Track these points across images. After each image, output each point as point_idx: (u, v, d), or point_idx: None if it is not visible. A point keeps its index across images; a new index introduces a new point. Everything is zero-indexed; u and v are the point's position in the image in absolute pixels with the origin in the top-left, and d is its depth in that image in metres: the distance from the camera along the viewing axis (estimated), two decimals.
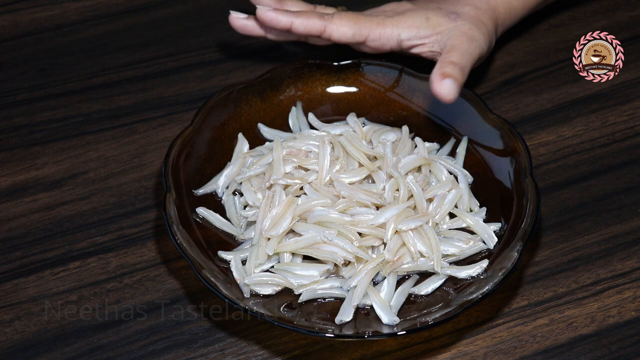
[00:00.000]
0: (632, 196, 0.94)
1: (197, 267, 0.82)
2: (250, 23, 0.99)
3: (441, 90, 0.90)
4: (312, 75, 0.97)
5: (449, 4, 0.98)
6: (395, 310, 0.83)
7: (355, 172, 0.88)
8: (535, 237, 0.90)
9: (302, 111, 0.97)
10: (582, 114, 1.01)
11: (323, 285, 0.84)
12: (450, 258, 0.86)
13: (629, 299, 0.86)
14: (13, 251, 0.90)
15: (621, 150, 0.98)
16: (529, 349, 0.83)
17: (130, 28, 1.11)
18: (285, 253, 0.85)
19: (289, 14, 0.95)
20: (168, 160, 0.89)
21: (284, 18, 0.95)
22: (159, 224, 0.92)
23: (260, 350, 0.83)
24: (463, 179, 0.90)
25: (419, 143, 0.92)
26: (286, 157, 0.90)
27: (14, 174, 0.96)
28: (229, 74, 1.06)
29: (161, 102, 1.03)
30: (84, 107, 1.02)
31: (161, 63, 1.07)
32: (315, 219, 0.85)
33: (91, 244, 0.91)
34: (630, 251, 0.90)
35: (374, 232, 0.85)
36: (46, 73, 1.06)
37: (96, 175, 0.96)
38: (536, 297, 0.87)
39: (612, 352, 0.83)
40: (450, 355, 0.83)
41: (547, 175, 0.96)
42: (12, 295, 0.87)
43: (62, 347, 0.84)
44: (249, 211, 0.88)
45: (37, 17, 1.12)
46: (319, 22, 0.95)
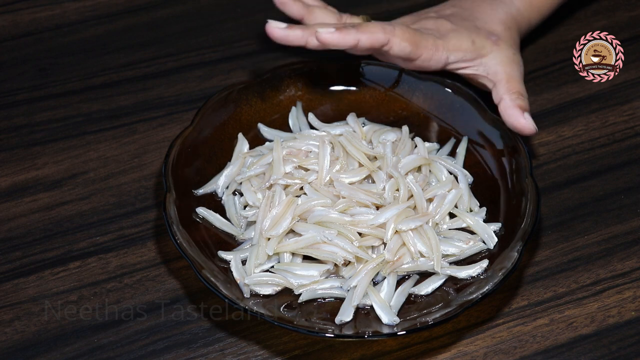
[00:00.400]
0: (632, 196, 0.94)
1: (197, 267, 0.82)
2: (292, 33, 0.91)
3: (525, 124, 0.92)
4: (312, 75, 0.97)
5: (481, 22, 0.97)
6: (395, 310, 0.83)
7: (355, 172, 0.88)
8: (535, 237, 0.90)
9: (302, 111, 0.97)
10: (582, 114, 1.01)
11: (323, 285, 0.84)
12: (450, 258, 0.86)
13: (629, 299, 0.86)
14: (13, 251, 0.90)
15: (621, 150, 0.98)
16: (529, 349, 0.83)
17: (130, 28, 1.11)
18: (285, 253, 0.85)
19: (351, 31, 0.91)
20: (168, 160, 0.89)
21: (349, 37, 0.91)
22: (159, 224, 0.92)
23: (260, 350, 0.83)
24: (463, 179, 0.90)
25: (419, 143, 0.92)
26: (286, 157, 0.90)
27: (14, 174, 0.96)
28: (229, 74, 1.06)
29: (161, 102, 1.03)
30: (84, 107, 1.02)
31: (161, 63, 1.07)
32: (315, 219, 0.85)
33: (91, 244, 0.91)
34: (630, 251, 0.90)
35: (374, 232, 0.85)
36: (46, 73, 1.06)
37: (96, 175, 0.96)
38: (536, 297, 0.87)
39: (612, 352, 0.83)
40: (450, 355, 0.83)
41: (547, 175, 0.96)
42: (12, 295, 0.87)
43: (62, 347, 0.84)
44: (249, 211, 0.88)
45: (37, 17, 1.12)
46: (383, 36, 0.92)
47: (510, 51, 0.96)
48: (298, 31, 0.92)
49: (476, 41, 0.95)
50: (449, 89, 0.95)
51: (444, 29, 0.96)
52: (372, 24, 0.93)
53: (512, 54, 0.96)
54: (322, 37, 0.90)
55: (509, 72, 0.95)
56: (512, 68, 0.95)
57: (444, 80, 0.96)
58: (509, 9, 0.99)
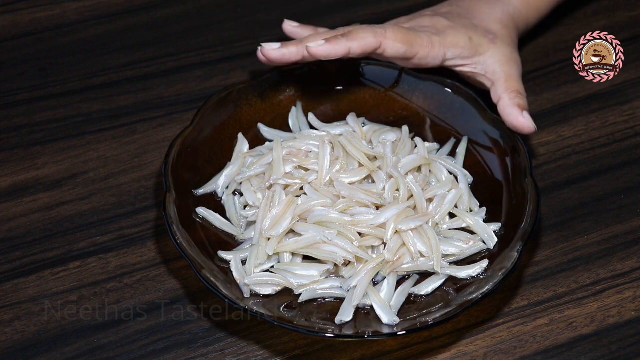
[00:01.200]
0: (632, 196, 0.94)
1: (197, 267, 0.82)
2: (287, 51, 0.93)
3: (525, 123, 0.92)
4: (312, 75, 0.97)
5: (479, 20, 0.97)
6: (395, 310, 0.83)
7: (355, 172, 0.88)
8: (535, 237, 0.91)
9: (302, 111, 0.97)
10: (582, 114, 1.01)
11: (323, 285, 0.84)
12: (450, 258, 0.86)
13: (629, 299, 0.86)
14: (13, 251, 0.90)
15: (621, 150, 0.98)
16: (529, 349, 0.83)
17: (130, 28, 1.11)
18: (285, 253, 0.85)
19: (341, 40, 0.91)
20: (168, 160, 0.89)
21: (340, 47, 0.91)
22: (159, 224, 0.92)
23: (260, 350, 0.83)
24: (463, 179, 0.90)
25: (419, 143, 0.92)
26: (286, 157, 0.90)
27: (14, 174, 0.96)
28: (229, 74, 1.06)
29: (161, 102, 1.03)
30: (84, 107, 1.02)
31: (161, 63, 1.07)
32: (315, 219, 0.85)
33: (91, 244, 0.91)
34: (630, 251, 0.90)
35: (374, 232, 0.85)
36: (46, 73, 1.06)
37: (96, 175, 0.96)
38: (536, 297, 0.87)
39: (612, 352, 0.83)
40: (450, 355, 0.83)
41: (547, 175, 0.96)
42: (12, 295, 0.87)
43: (62, 347, 0.84)
44: (249, 211, 0.88)
45: (37, 17, 1.12)
46: (374, 40, 0.92)
47: (508, 49, 0.96)
48: (292, 48, 0.93)
49: (473, 38, 0.95)
50: (449, 89, 0.95)
51: (440, 25, 0.96)
52: (363, 29, 0.93)
53: (510, 53, 0.96)
54: (312, 51, 0.91)
55: (507, 70, 0.95)
56: (510, 67, 0.95)
57: (444, 80, 0.96)
58: (506, 7, 0.99)
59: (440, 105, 0.96)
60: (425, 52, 0.94)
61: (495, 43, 0.96)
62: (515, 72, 0.95)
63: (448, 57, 0.95)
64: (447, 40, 0.95)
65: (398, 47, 0.93)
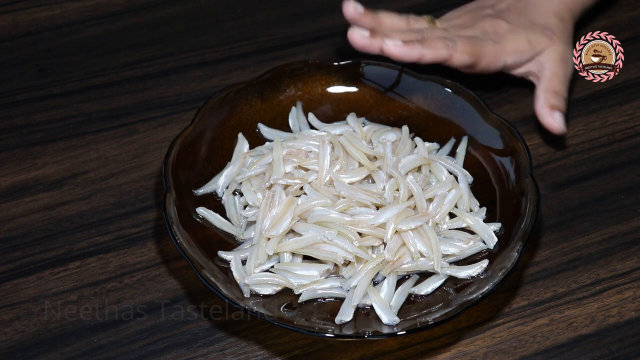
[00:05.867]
0: (632, 196, 0.94)
1: (197, 267, 0.82)
2: (374, 42, 0.95)
3: (553, 123, 0.95)
4: (312, 75, 0.97)
5: (537, 15, 0.99)
6: (395, 310, 0.83)
7: (355, 172, 0.88)
8: (535, 237, 0.90)
9: (302, 111, 0.97)
10: (582, 114, 1.01)
11: (323, 285, 0.84)
12: (450, 258, 0.86)
13: (629, 299, 0.86)
14: (13, 251, 0.90)
15: (621, 150, 0.98)
16: (529, 349, 0.83)
17: (130, 28, 1.11)
18: (285, 253, 0.85)
19: (417, 46, 0.94)
20: (168, 160, 0.89)
21: (414, 52, 0.94)
22: (159, 224, 0.92)
23: (260, 350, 0.83)
24: (463, 179, 0.90)
25: (419, 143, 0.92)
26: (286, 157, 0.90)
27: (14, 174, 0.96)
28: (229, 74, 1.05)
29: (161, 102, 1.03)
30: (84, 107, 1.02)
31: (161, 63, 1.07)
32: (315, 219, 0.85)
33: (91, 244, 0.91)
34: (630, 251, 0.90)
35: (374, 232, 0.85)
36: (46, 73, 1.06)
37: (96, 175, 0.96)
38: (536, 297, 0.87)
39: (612, 352, 0.83)
40: (450, 355, 0.83)
41: (547, 175, 0.96)
42: (12, 295, 0.87)
43: (62, 347, 0.84)
44: (249, 211, 0.88)
45: (37, 17, 1.12)
46: (446, 52, 0.94)
47: (563, 47, 0.98)
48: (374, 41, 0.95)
49: (532, 40, 0.97)
50: (449, 89, 0.95)
51: (501, 30, 0.97)
52: (436, 41, 0.95)
53: (564, 51, 0.98)
54: (388, 50, 0.93)
55: (555, 70, 0.97)
56: (559, 66, 0.97)
57: (444, 80, 0.96)
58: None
59: (440, 105, 0.96)
60: (489, 62, 0.97)
61: (552, 40, 0.98)
62: (562, 72, 0.97)
63: (509, 63, 0.98)
64: (507, 47, 0.97)
65: (465, 59, 0.95)
